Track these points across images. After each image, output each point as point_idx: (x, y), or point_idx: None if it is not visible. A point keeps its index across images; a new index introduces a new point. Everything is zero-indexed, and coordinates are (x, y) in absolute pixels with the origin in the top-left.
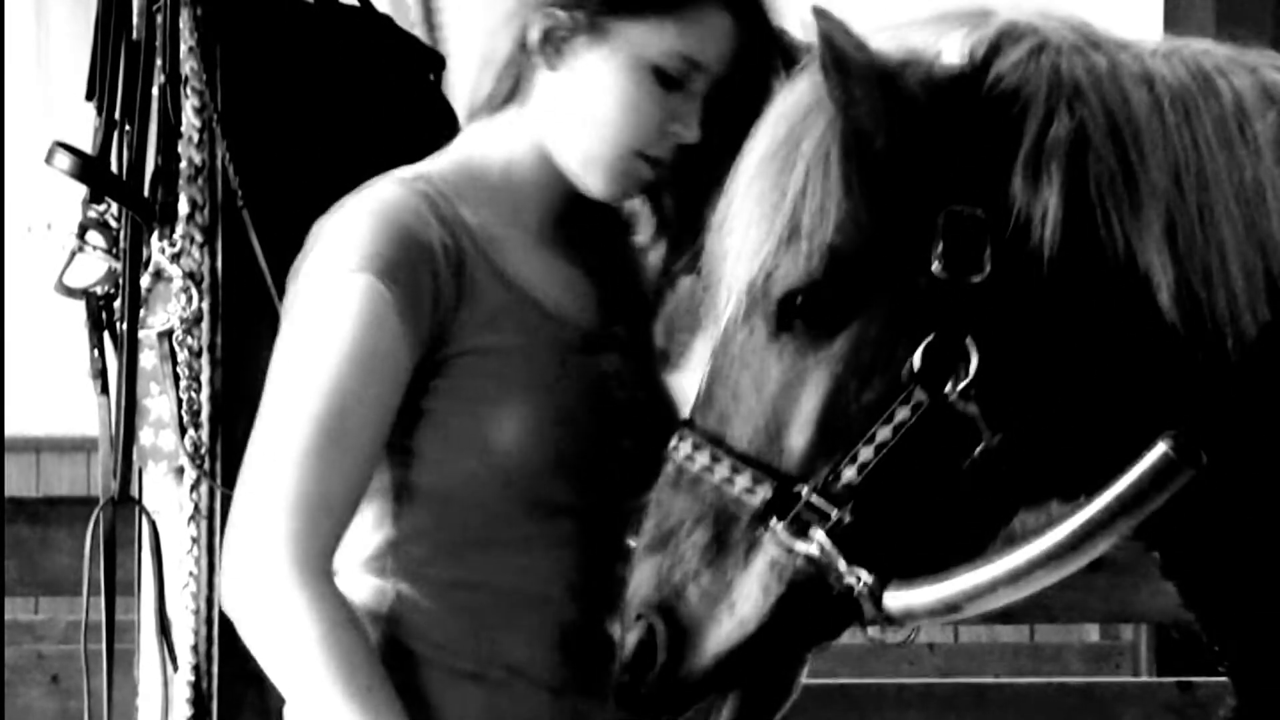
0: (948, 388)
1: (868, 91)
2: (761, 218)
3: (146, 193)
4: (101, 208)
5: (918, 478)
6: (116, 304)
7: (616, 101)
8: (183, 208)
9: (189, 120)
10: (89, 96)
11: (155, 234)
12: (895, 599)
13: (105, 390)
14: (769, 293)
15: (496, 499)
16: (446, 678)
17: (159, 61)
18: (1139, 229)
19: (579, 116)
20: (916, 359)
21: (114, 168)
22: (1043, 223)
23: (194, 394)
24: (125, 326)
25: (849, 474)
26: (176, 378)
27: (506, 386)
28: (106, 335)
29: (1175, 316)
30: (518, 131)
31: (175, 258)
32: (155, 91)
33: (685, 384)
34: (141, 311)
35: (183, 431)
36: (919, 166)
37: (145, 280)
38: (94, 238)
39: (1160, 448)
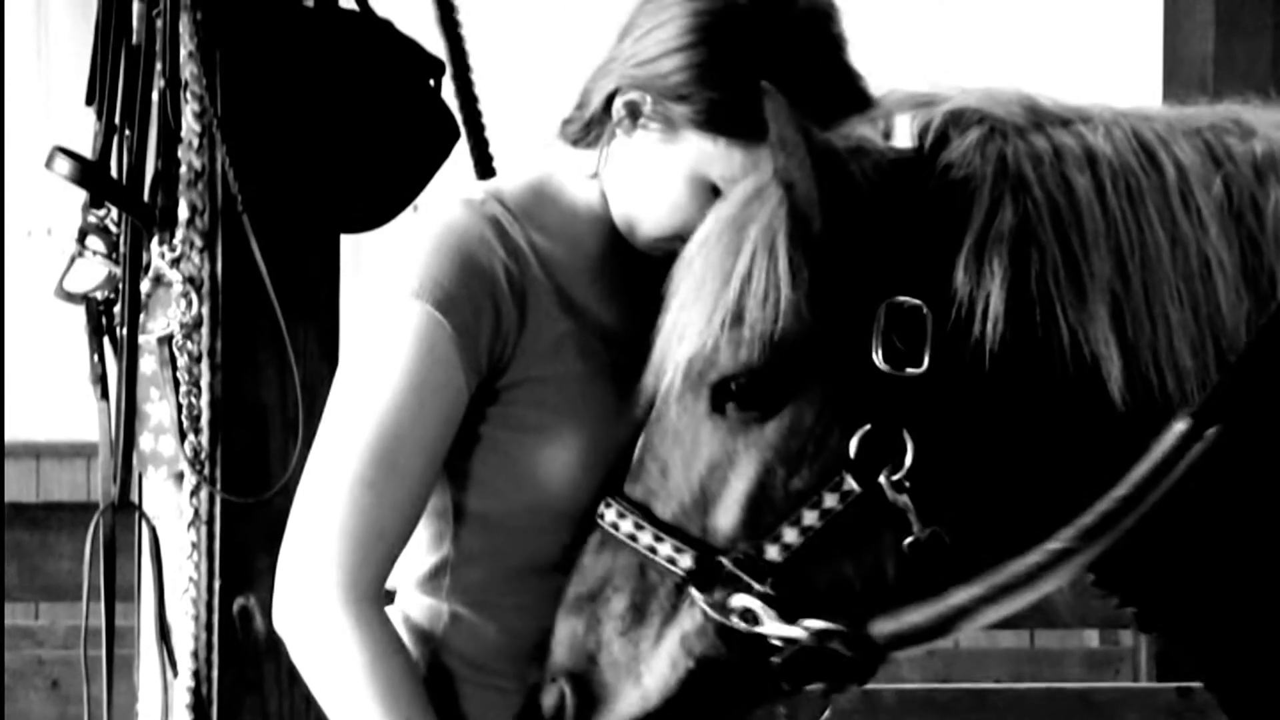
0: (881, 478)
1: (807, 173)
2: (702, 299)
3: (146, 198)
4: (101, 213)
5: (841, 562)
6: (116, 309)
7: (668, 200)
8: (182, 213)
9: (189, 125)
10: (89, 101)
11: (155, 239)
12: (883, 625)
13: (105, 395)
14: (704, 375)
15: (554, 526)
16: (493, 700)
17: (159, 66)
18: (1085, 318)
19: (633, 190)
20: (852, 447)
21: (114, 173)
22: (984, 315)
23: (194, 399)
24: (125, 331)
25: (772, 551)
26: (176, 383)
27: (565, 418)
28: (106, 340)
29: (1126, 403)
30: (591, 171)
31: (175, 263)
32: (155, 96)
33: None
34: (141, 316)
35: (183, 436)
36: (861, 254)
37: (145, 285)
38: (94, 243)
39: (1178, 426)
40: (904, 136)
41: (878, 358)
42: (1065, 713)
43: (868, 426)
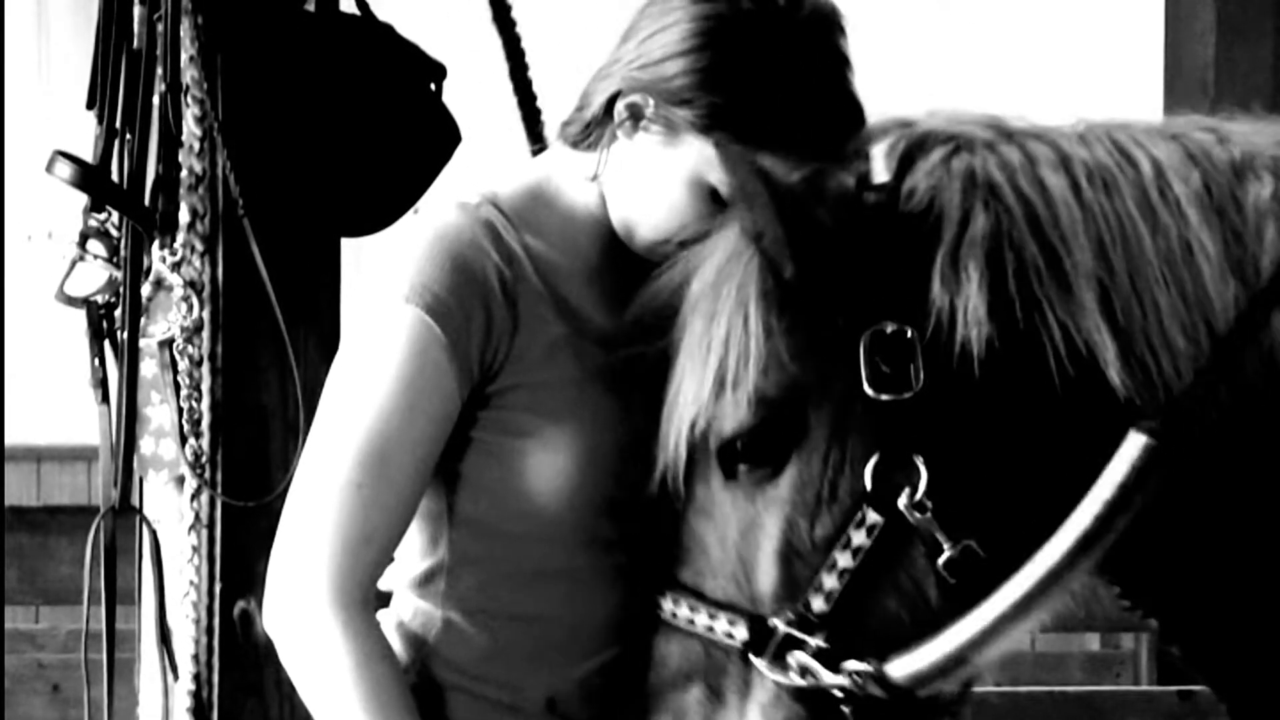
0: (900, 503)
1: (771, 221)
2: (694, 367)
3: (147, 201)
4: (102, 216)
5: (884, 597)
6: (117, 313)
7: (667, 203)
8: (183, 216)
9: (190, 129)
10: (90, 105)
11: (156, 243)
12: (900, 668)
13: (106, 399)
14: (707, 444)
15: (549, 531)
16: (481, 707)
17: (160, 70)
18: (1074, 308)
19: (632, 193)
20: (867, 479)
21: (115, 176)
22: (967, 322)
23: (195, 403)
24: (126, 335)
25: (818, 603)
26: (177, 386)
27: (560, 423)
28: (107, 344)
29: (1126, 388)
30: (590, 174)
31: (176, 266)
32: (156, 100)
33: None
34: (142, 320)
35: (183, 440)
36: (836, 292)
37: (146, 289)
38: (95, 246)
39: (1138, 439)
40: (879, 166)
41: (869, 388)
42: (1066, 716)
43: (876, 456)
